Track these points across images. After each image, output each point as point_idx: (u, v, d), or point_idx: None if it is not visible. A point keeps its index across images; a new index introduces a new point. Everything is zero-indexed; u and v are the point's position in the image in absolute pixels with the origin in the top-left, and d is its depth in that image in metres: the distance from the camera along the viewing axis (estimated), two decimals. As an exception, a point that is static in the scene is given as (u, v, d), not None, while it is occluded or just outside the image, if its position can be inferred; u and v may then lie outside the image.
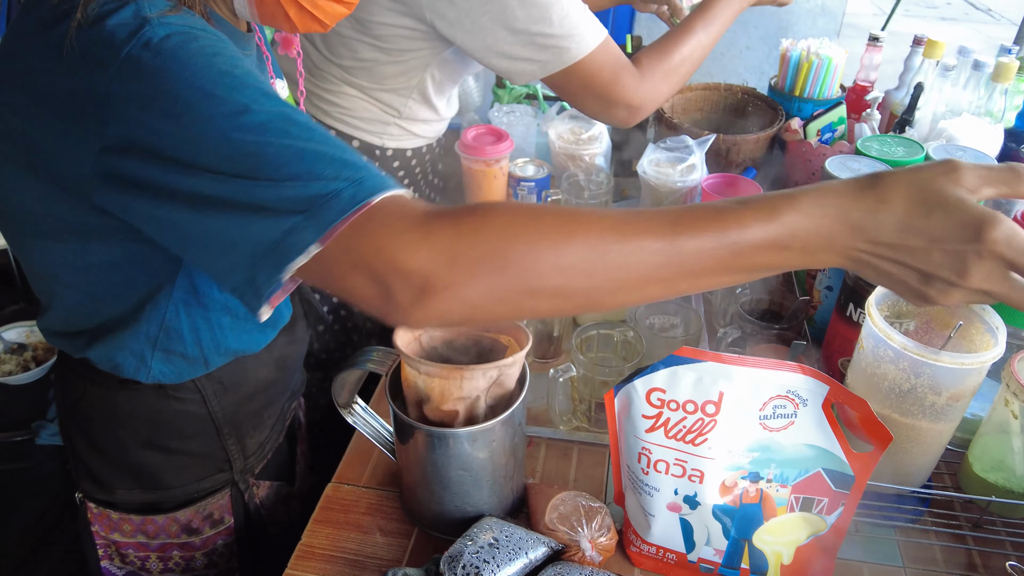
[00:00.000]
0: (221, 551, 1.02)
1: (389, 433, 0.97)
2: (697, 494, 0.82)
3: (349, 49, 1.25)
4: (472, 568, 0.79)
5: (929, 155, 1.17)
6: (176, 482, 0.95)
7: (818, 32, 2.56)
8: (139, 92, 0.62)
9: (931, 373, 0.81)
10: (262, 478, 1.04)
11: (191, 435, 0.92)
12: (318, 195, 0.59)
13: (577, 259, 0.59)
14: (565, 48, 1.14)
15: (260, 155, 0.60)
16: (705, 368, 0.77)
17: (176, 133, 0.61)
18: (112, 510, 0.96)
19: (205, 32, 0.67)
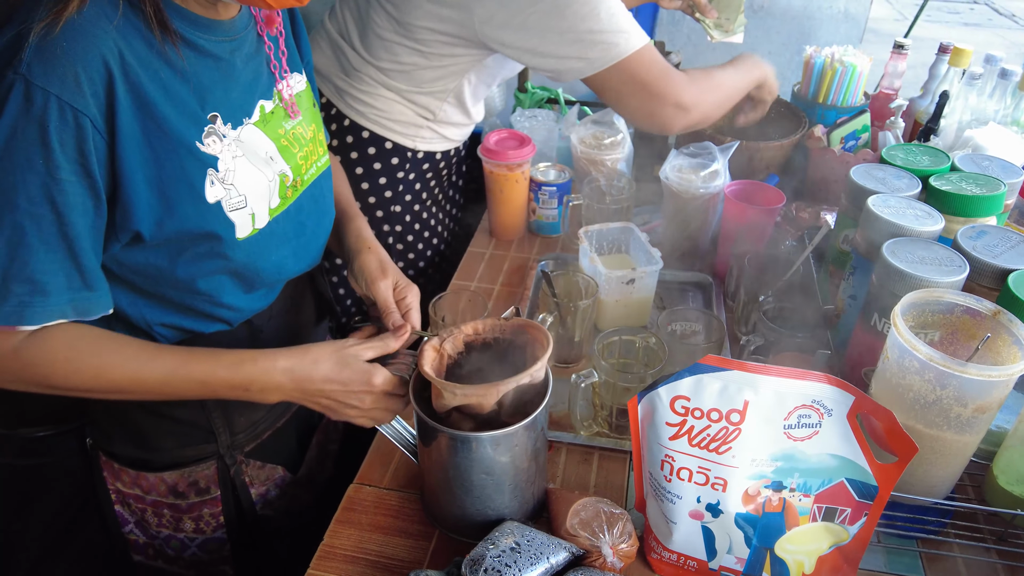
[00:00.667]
0: (208, 520, 1.07)
1: (412, 436, 0.97)
2: (720, 502, 0.82)
3: (389, 52, 1.27)
4: (494, 571, 0.80)
5: (955, 164, 1.17)
6: (163, 444, 1.01)
7: (841, 38, 2.55)
8: None
9: (957, 385, 0.81)
10: (255, 458, 1.07)
11: (176, 403, 0.97)
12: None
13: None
14: (614, 44, 1.15)
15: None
16: (730, 377, 0.77)
17: None
18: (114, 460, 1.04)
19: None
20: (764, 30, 2.58)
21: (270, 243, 0.93)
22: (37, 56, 0.69)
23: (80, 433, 1.84)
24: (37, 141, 0.70)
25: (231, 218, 0.86)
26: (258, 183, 0.89)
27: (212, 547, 1.09)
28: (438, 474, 0.90)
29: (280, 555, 1.15)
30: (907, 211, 1.03)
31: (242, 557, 1.11)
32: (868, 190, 1.09)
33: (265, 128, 0.90)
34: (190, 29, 0.80)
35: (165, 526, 1.07)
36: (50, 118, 0.70)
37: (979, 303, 0.87)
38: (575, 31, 1.14)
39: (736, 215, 1.32)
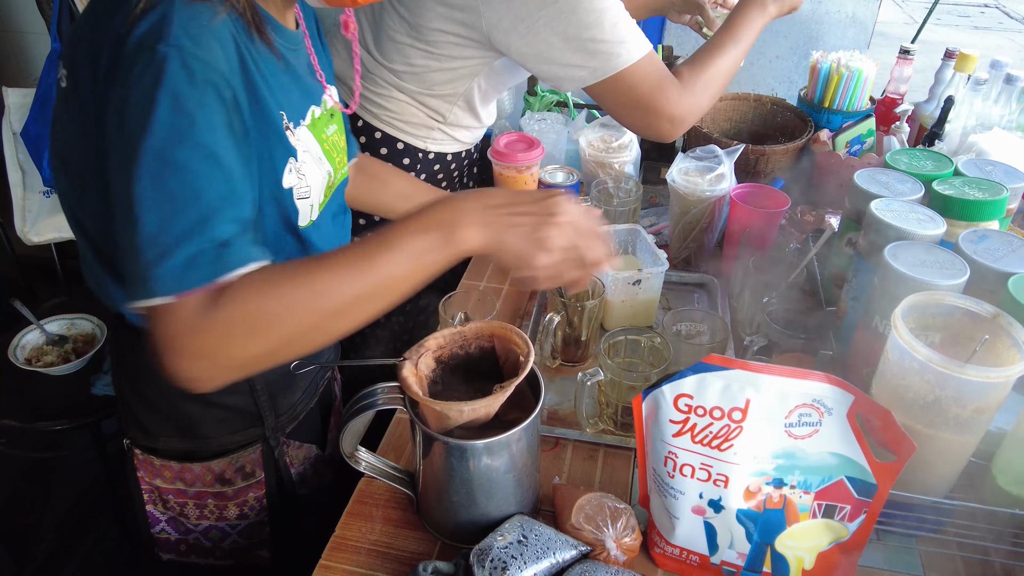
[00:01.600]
0: (252, 504, 1.09)
1: (396, 471, 0.98)
2: (722, 498, 0.84)
3: (401, 55, 1.30)
4: (500, 563, 0.82)
5: (959, 169, 1.18)
6: (212, 433, 1.03)
7: (848, 42, 2.56)
8: (120, 94, 0.72)
9: (956, 386, 0.82)
10: (293, 438, 1.11)
11: (227, 390, 0.95)
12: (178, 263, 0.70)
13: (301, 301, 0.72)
14: (615, 54, 1.17)
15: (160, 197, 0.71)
16: (733, 376, 0.79)
17: (124, 138, 0.72)
18: (155, 456, 1.05)
19: (202, 69, 0.72)
20: (772, 34, 2.59)
21: (317, 234, 0.97)
22: (184, 32, 0.71)
23: (95, 427, 1.88)
24: (198, 105, 0.71)
25: (298, 205, 0.91)
26: (317, 179, 0.94)
27: (252, 532, 1.11)
28: (441, 484, 0.89)
29: (309, 530, 1.18)
30: (909, 215, 1.05)
31: (279, 538, 1.14)
32: (871, 194, 1.11)
33: (314, 131, 0.95)
34: (271, 32, 0.84)
35: (207, 517, 1.09)
36: (203, 84, 0.72)
37: (979, 306, 0.89)
38: (579, 39, 1.16)
39: (741, 218, 1.34)
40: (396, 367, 0.89)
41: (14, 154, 1.95)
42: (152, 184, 0.70)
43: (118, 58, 0.72)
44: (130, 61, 0.71)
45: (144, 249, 0.70)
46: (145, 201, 0.70)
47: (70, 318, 2.02)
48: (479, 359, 0.96)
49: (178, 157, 0.71)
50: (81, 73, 0.79)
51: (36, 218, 2.00)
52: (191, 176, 0.71)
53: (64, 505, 2.15)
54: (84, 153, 0.82)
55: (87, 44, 0.77)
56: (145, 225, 0.70)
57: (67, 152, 0.86)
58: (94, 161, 0.80)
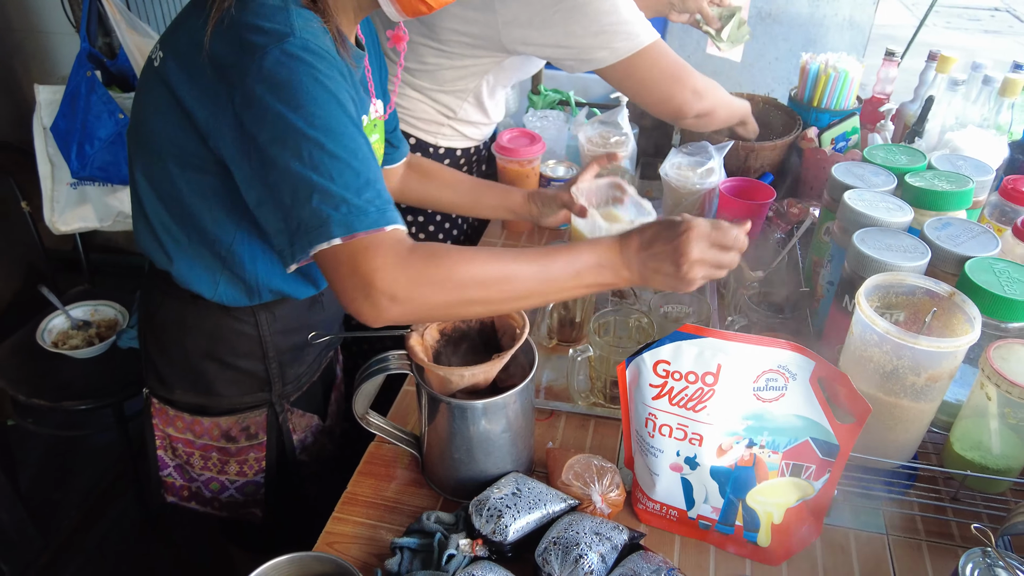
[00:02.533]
0: (251, 463, 1.20)
1: (402, 432, 1.08)
2: (697, 456, 0.92)
3: (415, 53, 1.39)
4: (495, 511, 0.91)
5: (931, 164, 1.26)
6: (224, 392, 1.14)
7: (846, 45, 2.63)
8: (268, 80, 0.81)
9: (911, 355, 0.91)
10: (297, 407, 1.22)
11: (243, 354, 1.11)
12: (355, 206, 0.81)
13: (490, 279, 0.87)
14: (636, 33, 1.27)
15: (331, 159, 0.81)
16: (706, 343, 0.87)
17: (280, 116, 0.81)
18: (170, 407, 1.16)
19: (327, 56, 0.85)
20: (771, 37, 2.67)
21: None
22: (305, 29, 0.84)
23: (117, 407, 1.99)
24: (331, 79, 0.83)
25: None
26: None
27: (249, 490, 1.22)
28: (444, 443, 0.98)
29: (310, 495, 1.28)
30: (880, 204, 1.13)
31: (273, 500, 1.24)
32: (847, 185, 1.19)
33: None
34: (351, 55, 0.96)
35: (209, 469, 1.20)
36: (331, 67, 0.84)
37: (937, 285, 0.97)
38: (599, 23, 1.25)
39: (729, 209, 1.42)
40: (403, 338, 0.98)
41: (44, 148, 2.05)
42: (318, 150, 0.81)
43: (249, 48, 0.82)
44: (261, 52, 0.81)
45: (320, 203, 0.80)
46: (314, 163, 0.80)
47: (93, 304, 2.12)
48: (479, 332, 1.05)
49: (335, 126, 0.82)
50: (173, 56, 0.90)
51: (64, 208, 2.10)
52: (347, 141, 0.83)
53: (87, 482, 2.25)
54: (164, 123, 0.92)
55: (186, 33, 0.88)
56: (318, 182, 0.80)
57: (146, 120, 0.96)
58: (172, 130, 0.91)
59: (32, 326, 2.04)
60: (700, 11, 1.69)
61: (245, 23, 0.83)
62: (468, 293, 0.85)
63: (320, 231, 0.80)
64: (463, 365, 1.00)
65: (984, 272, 1.00)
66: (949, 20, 7.71)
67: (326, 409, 1.33)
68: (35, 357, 1.98)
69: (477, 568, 0.87)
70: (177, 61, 0.90)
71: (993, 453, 0.98)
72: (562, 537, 0.89)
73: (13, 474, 2.04)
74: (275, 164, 0.82)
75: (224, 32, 0.84)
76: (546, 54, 1.34)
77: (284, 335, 1.13)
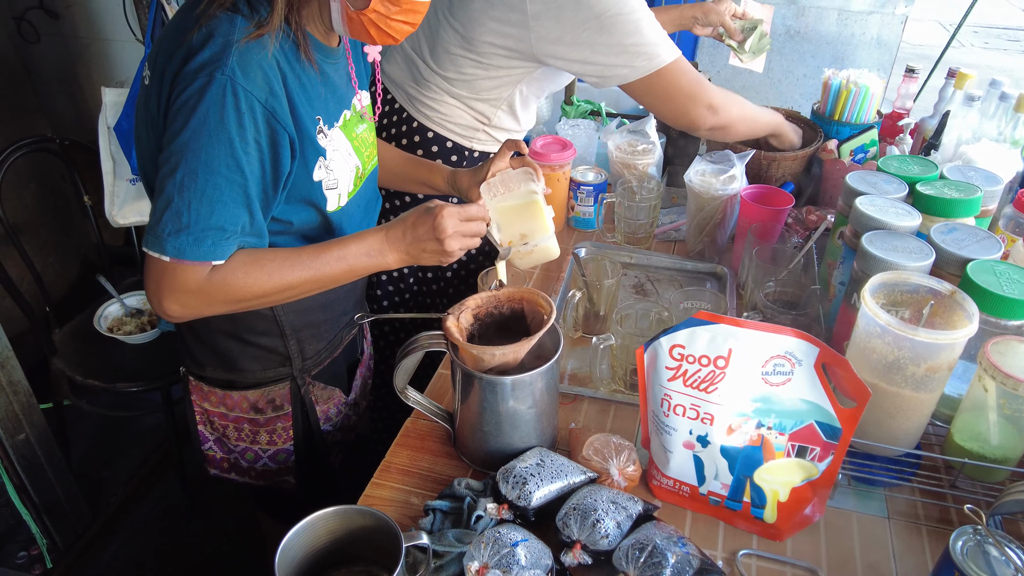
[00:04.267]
0: (280, 433, 1.31)
1: (437, 407, 1.17)
2: (708, 435, 1.00)
3: (454, 64, 1.50)
4: (520, 479, 0.99)
5: (943, 174, 1.32)
6: (248, 367, 1.25)
7: (873, 63, 2.69)
8: (181, 101, 0.95)
9: (911, 347, 0.97)
10: (319, 380, 1.32)
11: (261, 332, 1.22)
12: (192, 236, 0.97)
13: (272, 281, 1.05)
14: (656, 54, 1.38)
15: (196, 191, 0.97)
16: (718, 329, 0.95)
17: (178, 135, 0.96)
18: (203, 383, 1.28)
19: (250, 93, 0.96)
20: (800, 54, 2.75)
21: (346, 218, 1.19)
22: (239, 63, 0.94)
23: (165, 391, 2.11)
24: (236, 124, 0.95)
25: (326, 195, 1.12)
26: (345, 172, 1.15)
27: (280, 458, 1.32)
28: (475, 416, 1.07)
29: (334, 464, 1.39)
30: (890, 210, 1.20)
31: (303, 467, 1.35)
32: (860, 192, 1.26)
33: (345, 131, 1.15)
34: (314, 51, 1.05)
35: (243, 439, 1.31)
36: (246, 109, 0.95)
37: (939, 284, 1.04)
38: (622, 44, 1.36)
39: (749, 214, 1.50)
40: (440, 321, 1.07)
41: (107, 145, 2.20)
42: (190, 177, 0.95)
43: (185, 71, 0.94)
44: (191, 77, 0.94)
45: (170, 220, 0.96)
46: (182, 187, 0.95)
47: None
48: (510, 318, 1.14)
49: (214, 163, 0.96)
50: (156, 76, 1.01)
51: (123, 203, 2.24)
52: (220, 181, 0.96)
53: (134, 461, 2.38)
54: (153, 137, 1.04)
55: (164, 55, 1.00)
56: (176, 203, 0.95)
57: (144, 136, 1.08)
58: (154, 147, 1.03)
59: (90, 312, 2.18)
60: (723, 24, 1.78)
61: (190, 47, 0.95)
62: (248, 305, 1.07)
63: (157, 243, 0.97)
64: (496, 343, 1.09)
65: (985, 273, 1.06)
66: (987, 40, 7.66)
67: (350, 384, 1.42)
68: (91, 341, 2.12)
69: (503, 528, 0.95)
70: (154, 79, 1.02)
71: (991, 444, 1.04)
72: (581, 504, 0.97)
73: (67, 451, 2.17)
74: (163, 170, 0.97)
75: (179, 55, 0.96)
76: (573, 69, 1.44)
77: (298, 314, 1.23)
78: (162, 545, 2.16)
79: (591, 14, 1.34)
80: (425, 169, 1.40)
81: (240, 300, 1.05)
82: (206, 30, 0.95)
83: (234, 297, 1.03)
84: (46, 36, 2.92)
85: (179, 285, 0.99)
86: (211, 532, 2.19)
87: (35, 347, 2.06)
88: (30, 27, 2.87)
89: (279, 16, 0.98)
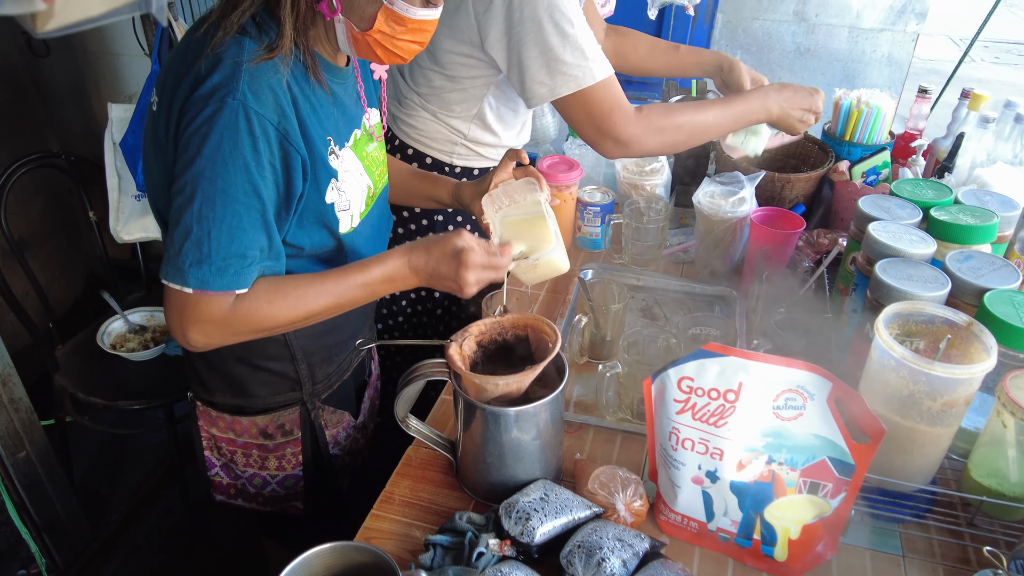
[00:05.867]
0: (289, 458, 1.28)
1: (439, 436, 1.14)
2: (717, 470, 0.97)
3: (425, 78, 1.49)
4: (524, 514, 0.97)
5: (958, 198, 1.30)
6: (258, 392, 1.23)
7: (884, 81, 2.66)
8: (194, 128, 0.93)
9: (927, 381, 0.94)
10: (328, 404, 1.30)
11: (272, 357, 1.20)
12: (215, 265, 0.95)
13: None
14: (573, 77, 1.31)
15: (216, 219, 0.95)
16: (728, 362, 0.92)
17: (192, 165, 0.94)
18: (212, 408, 1.25)
19: (263, 119, 0.94)
20: (809, 72, 2.72)
21: (358, 239, 1.17)
22: (249, 86, 0.93)
23: (168, 408, 2.10)
24: (251, 149, 0.94)
25: (339, 216, 1.10)
26: (356, 193, 1.13)
27: (289, 483, 1.30)
28: (478, 447, 1.04)
29: (342, 489, 1.37)
30: (904, 236, 1.17)
31: (311, 493, 1.32)
32: (873, 217, 1.24)
33: (356, 151, 1.13)
34: (323, 72, 1.04)
35: (251, 465, 1.28)
36: (260, 133, 0.94)
37: (955, 315, 1.01)
38: (545, 58, 1.30)
39: (759, 237, 1.47)
40: (443, 348, 1.05)
41: (112, 161, 2.20)
42: (208, 205, 0.93)
43: (195, 98, 0.93)
44: (202, 104, 0.92)
45: (190, 250, 0.94)
46: (200, 216, 0.93)
47: (150, 310, 2.25)
48: (515, 345, 1.12)
49: (231, 190, 0.94)
50: (164, 103, 0.99)
51: (128, 219, 2.24)
52: (239, 207, 0.94)
53: (137, 479, 2.37)
54: (162, 165, 1.02)
55: (172, 81, 0.98)
56: (196, 232, 0.94)
57: (152, 161, 1.06)
58: (164, 174, 1.01)
59: (93, 328, 2.17)
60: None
61: (199, 73, 0.93)
62: (271, 332, 1.06)
63: (179, 274, 0.95)
64: (500, 372, 1.06)
65: (1003, 304, 1.04)
66: (998, 56, 7.62)
67: (359, 406, 1.40)
68: (94, 357, 2.11)
69: (505, 566, 0.92)
70: (163, 104, 1.00)
71: (1011, 481, 1.01)
72: (586, 541, 0.94)
73: (68, 468, 2.15)
74: (179, 199, 0.95)
75: (188, 80, 0.95)
76: (511, 79, 1.39)
77: (310, 339, 1.21)
78: (163, 564, 2.14)
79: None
80: (430, 183, 1.38)
81: (264, 329, 1.04)
82: (214, 55, 0.94)
83: (259, 327, 1.03)
84: (56, 50, 2.93)
85: (204, 316, 0.98)
86: (214, 552, 2.17)
87: (38, 362, 2.05)
88: (40, 41, 2.87)
89: (288, 39, 0.97)
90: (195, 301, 0.96)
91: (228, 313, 0.99)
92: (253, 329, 1.02)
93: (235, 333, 1.02)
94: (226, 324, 0.99)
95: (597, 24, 1.75)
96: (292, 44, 0.98)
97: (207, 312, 0.97)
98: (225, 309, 0.98)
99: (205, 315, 0.97)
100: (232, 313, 0.99)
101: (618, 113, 1.34)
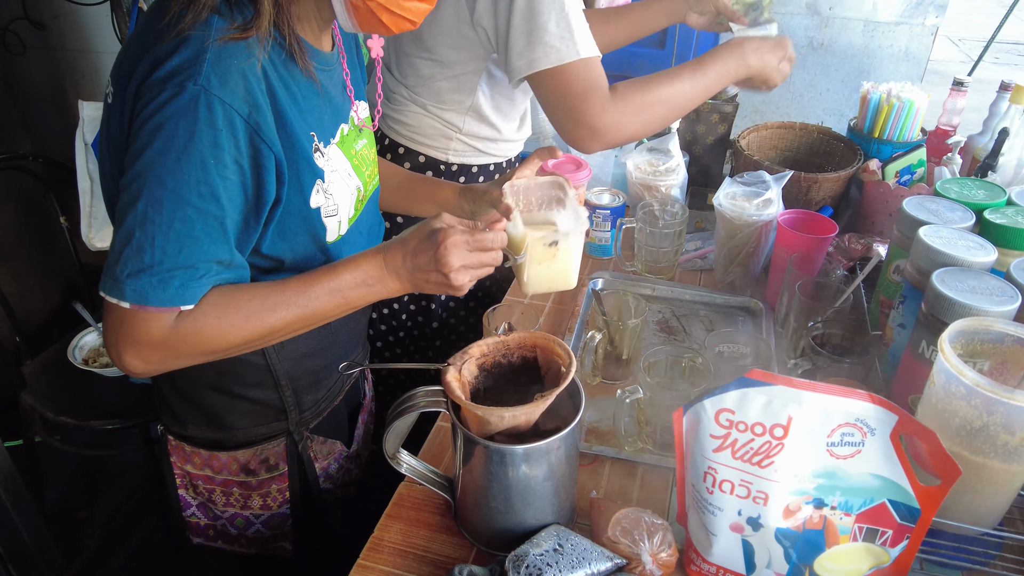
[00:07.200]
0: (275, 496, 1.13)
1: (435, 474, 1.01)
2: (760, 516, 0.83)
3: (413, 68, 1.36)
4: (535, 569, 0.83)
5: (1012, 199, 1.17)
6: (238, 424, 1.07)
7: (900, 77, 2.54)
8: (146, 116, 0.79)
9: (1005, 412, 0.81)
10: (318, 434, 1.15)
11: (252, 384, 1.04)
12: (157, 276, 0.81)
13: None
14: (555, 49, 1.15)
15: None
16: (775, 392, 0.79)
17: (142, 156, 0.80)
18: (185, 443, 1.10)
19: (225, 108, 0.80)
20: (823, 68, 2.60)
21: (347, 247, 1.02)
22: (215, 70, 0.78)
23: (144, 428, 1.95)
24: (211, 144, 0.79)
25: (325, 223, 0.96)
26: (345, 196, 0.99)
27: (275, 523, 1.15)
28: (480, 489, 0.91)
29: (334, 525, 1.21)
30: (959, 242, 1.04)
31: (301, 531, 1.17)
32: (920, 221, 1.10)
33: (343, 148, 0.99)
34: (313, 59, 0.90)
35: (232, 505, 1.13)
36: (223, 125, 0.79)
37: (1030, 334, 0.88)
38: (527, 25, 1.15)
39: (788, 243, 1.34)
40: (439, 372, 0.91)
41: (84, 164, 2.05)
42: (154, 207, 0.79)
43: (151, 81, 0.79)
44: (158, 88, 0.78)
45: (130, 258, 0.80)
46: (144, 219, 0.79)
47: (127, 322, 2.10)
48: (521, 368, 0.98)
49: (183, 191, 0.79)
50: (119, 91, 0.85)
51: (101, 225, 2.10)
52: (191, 212, 0.80)
53: (113, 502, 2.22)
54: (115, 161, 0.88)
55: (129, 65, 0.83)
56: (138, 238, 0.79)
57: (105, 159, 0.92)
58: (116, 171, 0.86)
59: (64, 342, 2.02)
60: (720, 9, 1.49)
61: (158, 55, 0.80)
62: (224, 355, 0.90)
63: (116, 286, 0.81)
64: (505, 400, 0.93)
65: (1083, 321, 0.90)
66: (997, 56, 7.55)
67: (351, 433, 1.26)
68: (65, 374, 1.96)
69: (514, 631, 0.79)
70: (119, 94, 0.86)
71: (1094, 524, 0.88)
72: (608, 600, 0.81)
73: (39, 492, 2.01)
74: (123, 198, 0.81)
75: (145, 63, 0.81)
76: (499, 52, 1.24)
77: (294, 361, 1.06)
78: (141, 596, 1.99)
79: None
80: (431, 182, 1.24)
81: (214, 351, 0.88)
82: (177, 35, 0.80)
83: (206, 349, 0.87)
84: (32, 48, 2.79)
85: (141, 336, 0.83)
86: (195, 582, 2.02)
87: (5, 380, 1.90)
88: (15, 38, 2.74)
89: (267, 16, 0.82)
90: (131, 318, 0.82)
91: (169, 332, 0.83)
92: (200, 352, 0.87)
93: (178, 356, 0.86)
94: (167, 346, 0.84)
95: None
96: (271, 23, 0.84)
97: (144, 332, 0.82)
98: (166, 328, 0.83)
99: (142, 335, 0.83)
100: (174, 332, 0.84)
101: (594, 96, 1.18)
